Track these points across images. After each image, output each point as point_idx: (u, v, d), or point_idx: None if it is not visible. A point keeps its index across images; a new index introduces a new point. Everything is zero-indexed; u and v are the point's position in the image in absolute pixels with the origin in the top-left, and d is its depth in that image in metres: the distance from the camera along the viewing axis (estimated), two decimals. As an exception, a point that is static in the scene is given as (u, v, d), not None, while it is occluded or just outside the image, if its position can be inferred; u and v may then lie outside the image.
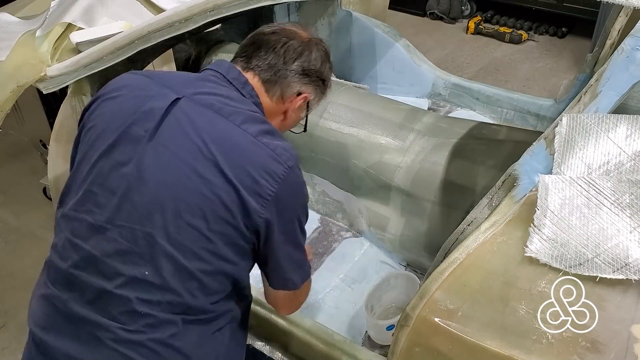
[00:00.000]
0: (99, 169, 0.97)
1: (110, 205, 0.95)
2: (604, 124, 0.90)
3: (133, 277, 0.93)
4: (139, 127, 0.96)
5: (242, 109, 1.00)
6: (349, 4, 2.56)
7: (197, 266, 0.94)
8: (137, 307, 0.93)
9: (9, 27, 1.60)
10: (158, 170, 0.94)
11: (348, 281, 1.80)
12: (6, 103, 1.47)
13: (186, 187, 0.93)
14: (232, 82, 1.04)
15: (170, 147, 0.94)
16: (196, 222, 0.93)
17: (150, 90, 1.00)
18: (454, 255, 0.96)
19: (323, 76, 1.13)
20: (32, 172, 2.71)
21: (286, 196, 0.96)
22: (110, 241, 0.94)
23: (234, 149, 0.94)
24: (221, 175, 0.92)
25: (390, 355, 1.06)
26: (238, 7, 1.27)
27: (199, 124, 0.95)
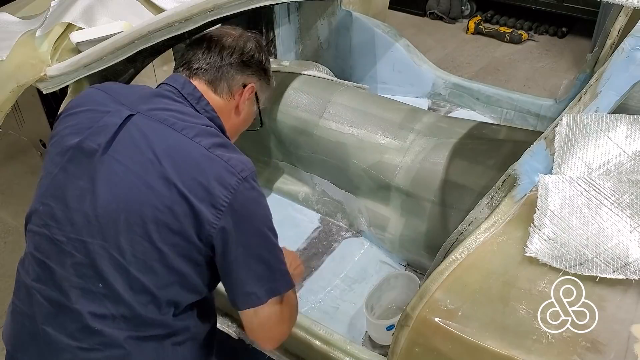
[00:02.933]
0: (57, 183, 0.99)
1: (65, 218, 0.96)
2: (604, 124, 0.90)
3: (87, 290, 0.94)
4: (92, 141, 0.97)
5: (195, 123, 1.00)
6: (349, 4, 2.56)
7: (149, 279, 0.94)
8: (91, 323, 0.94)
9: (9, 27, 1.60)
10: (110, 183, 0.94)
11: (348, 281, 1.80)
12: (6, 103, 1.47)
13: (138, 200, 0.93)
14: (187, 98, 1.06)
15: (123, 160, 0.95)
16: (148, 235, 0.92)
17: (107, 107, 1.02)
18: (454, 255, 0.96)
19: (263, 65, 1.17)
20: (32, 172, 2.71)
21: (241, 207, 0.94)
22: (67, 255, 0.95)
23: (186, 162, 0.94)
24: (173, 187, 0.92)
25: (390, 355, 1.06)
26: (238, 7, 1.27)
27: (151, 138, 0.96)
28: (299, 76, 2.06)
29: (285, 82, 2.03)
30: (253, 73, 1.15)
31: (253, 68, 1.14)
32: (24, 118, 2.25)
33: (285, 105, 1.98)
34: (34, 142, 2.36)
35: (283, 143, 2.05)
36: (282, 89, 2.01)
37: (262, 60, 1.16)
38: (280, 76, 2.06)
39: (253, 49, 1.14)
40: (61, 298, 0.95)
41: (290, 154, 2.06)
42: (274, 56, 2.58)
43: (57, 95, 1.56)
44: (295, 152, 2.02)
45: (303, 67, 2.12)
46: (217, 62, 1.10)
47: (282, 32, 2.55)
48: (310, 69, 2.12)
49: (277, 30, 2.53)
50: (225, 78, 1.10)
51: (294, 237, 1.97)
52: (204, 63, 1.10)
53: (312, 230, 2.00)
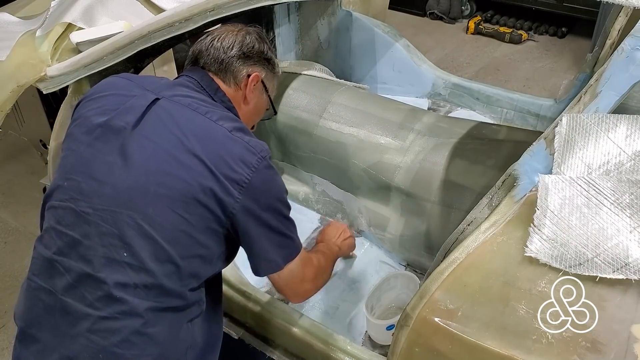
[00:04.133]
0: (83, 160, 1.03)
1: (92, 191, 1.00)
2: (604, 124, 0.90)
3: (112, 259, 0.97)
4: (120, 120, 1.03)
5: (217, 110, 1.09)
6: (349, 4, 2.56)
7: (174, 249, 0.98)
8: (113, 291, 0.96)
9: (9, 27, 1.60)
10: (140, 157, 1.00)
11: (348, 281, 1.80)
12: (6, 103, 1.47)
13: (167, 172, 0.99)
14: (205, 89, 1.15)
15: (152, 137, 1.01)
16: (176, 206, 0.98)
17: (132, 91, 1.08)
18: (454, 255, 0.96)
19: (265, 55, 1.24)
20: (32, 172, 2.70)
21: (261, 183, 1.03)
22: (92, 225, 0.99)
23: (212, 141, 1.02)
24: (201, 163, 0.99)
25: (390, 355, 1.06)
26: (238, 7, 1.27)
27: (178, 120, 1.03)
28: (299, 76, 2.06)
29: (285, 82, 2.03)
30: (256, 63, 1.21)
31: (255, 58, 1.21)
32: (24, 118, 2.25)
33: (285, 105, 1.98)
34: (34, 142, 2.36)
35: (283, 143, 2.05)
36: (282, 89, 2.01)
37: (263, 50, 1.23)
38: (280, 76, 2.06)
39: (253, 41, 1.20)
40: (84, 268, 0.97)
41: (290, 154, 2.06)
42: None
43: (57, 95, 1.56)
44: (295, 152, 2.02)
45: (303, 67, 2.12)
46: (221, 56, 1.17)
47: (282, 32, 2.55)
48: (310, 69, 2.12)
49: (277, 30, 2.53)
50: (229, 70, 1.17)
51: (294, 237, 1.97)
52: (209, 58, 1.17)
53: (312, 230, 2.00)
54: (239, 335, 1.57)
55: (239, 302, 1.54)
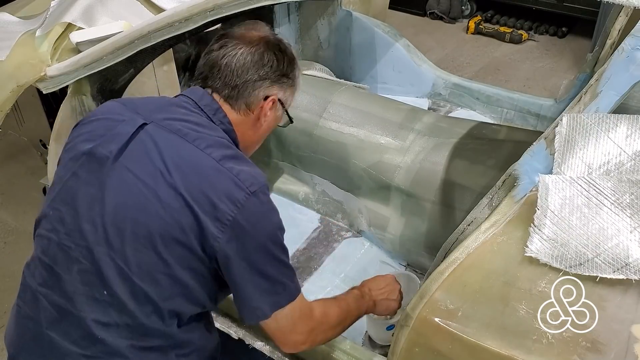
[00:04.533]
0: (67, 189, 1.00)
1: (74, 224, 0.96)
2: (604, 123, 0.90)
3: (92, 297, 0.95)
4: (104, 148, 0.98)
5: (208, 135, 1.00)
6: (349, 4, 2.56)
7: (153, 290, 0.94)
8: (95, 331, 0.95)
9: (9, 27, 1.60)
10: (119, 192, 0.95)
11: (348, 281, 1.80)
12: (6, 103, 1.47)
13: (145, 210, 0.93)
14: (203, 109, 1.05)
15: (133, 169, 0.96)
16: (153, 246, 0.93)
17: (122, 115, 1.02)
18: (454, 255, 0.96)
19: (284, 72, 1.10)
20: (32, 172, 2.70)
21: (247, 222, 0.94)
22: (74, 262, 0.96)
23: (196, 173, 0.94)
24: (181, 198, 0.92)
25: (390, 355, 1.06)
26: (238, 7, 1.27)
27: (163, 148, 0.96)
28: (299, 76, 2.06)
29: (285, 82, 2.03)
30: (273, 84, 1.09)
31: (272, 79, 1.08)
32: (24, 118, 2.25)
33: (285, 105, 1.98)
34: (34, 142, 2.36)
35: (283, 143, 2.05)
36: (282, 89, 2.01)
37: (282, 67, 1.10)
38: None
39: (272, 58, 1.08)
40: (66, 304, 0.96)
41: (290, 154, 2.06)
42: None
43: (57, 95, 1.56)
44: (295, 152, 2.02)
45: (303, 67, 2.12)
46: (234, 81, 1.05)
47: (282, 32, 2.55)
48: (310, 69, 2.12)
49: (277, 30, 2.53)
50: (242, 96, 1.07)
51: (294, 237, 1.97)
52: (220, 82, 1.06)
53: (312, 230, 2.00)
54: (239, 336, 1.57)
55: (239, 302, 1.54)
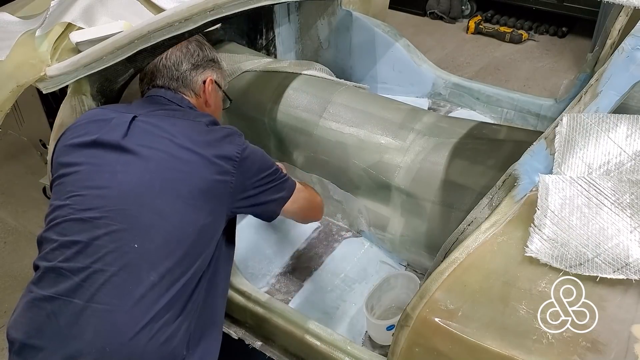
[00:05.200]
0: (82, 177, 1.09)
1: (99, 197, 1.05)
2: (604, 123, 0.90)
3: (123, 251, 1.01)
4: (108, 136, 1.11)
5: (189, 112, 1.25)
6: (349, 4, 2.56)
7: (184, 235, 1.06)
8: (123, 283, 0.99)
9: (9, 27, 1.60)
10: (139, 161, 1.08)
11: (348, 281, 1.80)
12: (6, 103, 1.47)
13: (167, 168, 1.08)
14: (172, 100, 1.28)
15: (144, 143, 1.10)
16: (181, 194, 1.07)
17: (109, 115, 1.17)
18: (454, 255, 0.96)
19: (209, 57, 1.36)
20: (32, 172, 2.71)
21: (250, 155, 1.18)
22: (102, 227, 1.04)
23: (197, 134, 1.14)
24: (195, 154, 1.10)
25: (390, 355, 1.06)
26: (238, 7, 1.27)
27: (162, 125, 1.14)
28: (299, 76, 2.06)
29: (285, 82, 2.03)
30: (205, 68, 1.34)
31: (203, 65, 1.34)
32: (24, 118, 2.25)
33: (285, 105, 1.98)
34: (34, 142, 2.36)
35: (283, 143, 2.05)
36: (282, 89, 2.01)
37: (207, 54, 1.36)
38: (280, 76, 2.07)
39: (196, 49, 1.34)
40: (94, 265, 1.00)
41: (290, 154, 2.06)
42: (274, 56, 2.58)
43: (57, 95, 1.56)
44: (295, 152, 2.02)
45: (303, 67, 2.12)
46: (175, 74, 1.30)
47: (282, 32, 2.55)
48: (310, 69, 2.12)
49: (277, 30, 2.53)
50: (185, 83, 1.31)
51: (294, 237, 1.97)
52: (166, 78, 1.30)
53: (312, 230, 2.00)
54: (238, 336, 1.57)
55: (238, 302, 1.54)
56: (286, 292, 1.77)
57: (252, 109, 2.05)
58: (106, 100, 1.51)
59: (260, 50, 2.53)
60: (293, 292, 1.77)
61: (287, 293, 1.76)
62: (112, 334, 0.97)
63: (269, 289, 1.78)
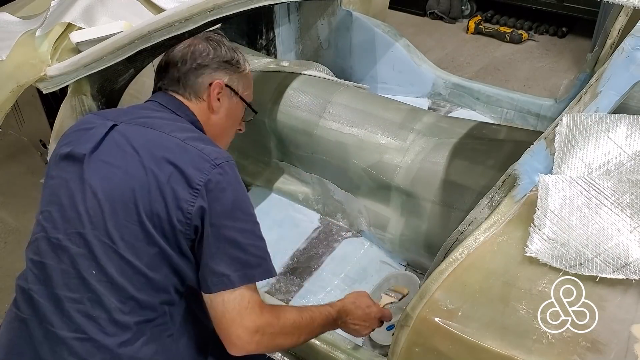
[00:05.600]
0: (52, 190, 1.08)
1: (61, 217, 1.03)
2: (604, 123, 0.90)
3: (84, 278, 0.99)
4: (79, 149, 1.07)
5: (173, 123, 1.11)
6: (349, 4, 2.56)
7: (140, 260, 0.99)
8: (89, 311, 0.99)
9: (9, 27, 1.60)
10: (96, 179, 1.03)
11: (348, 281, 1.80)
12: (6, 103, 1.47)
13: (119, 187, 1.01)
14: (167, 107, 1.16)
15: (107, 159, 1.05)
16: (132, 218, 0.99)
17: (93, 124, 1.12)
18: (454, 255, 0.96)
19: (224, 58, 1.20)
20: (32, 172, 2.71)
21: (215, 188, 0.99)
22: (64, 250, 1.01)
23: (162, 150, 1.02)
24: (151, 173, 1.00)
25: (390, 355, 1.06)
26: (238, 7, 1.27)
27: (131, 138, 1.06)
28: (299, 76, 2.06)
29: (285, 82, 2.03)
30: (215, 70, 1.19)
31: (213, 66, 1.18)
32: (24, 118, 2.25)
33: (285, 105, 1.98)
34: (34, 142, 2.36)
35: (283, 143, 2.05)
36: (282, 89, 2.01)
37: (220, 54, 1.20)
38: (280, 76, 2.07)
39: (206, 48, 1.19)
40: (60, 292, 1.00)
41: (290, 154, 2.06)
42: (274, 56, 2.58)
43: (57, 95, 1.56)
44: (295, 152, 2.02)
45: (303, 67, 2.12)
46: (176, 74, 1.17)
47: (282, 32, 2.55)
48: (310, 69, 2.12)
49: (277, 30, 2.53)
50: (186, 85, 1.17)
51: (294, 237, 1.97)
52: (167, 80, 1.19)
53: (312, 230, 2.00)
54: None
55: (239, 302, 1.54)
56: (286, 292, 1.77)
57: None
58: (106, 100, 1.51)
59: (261, 50, 2.53)
60: (293, 292, 1.76)
61: (287, 293, 1.76)
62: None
63: (269, 289, 1.78)
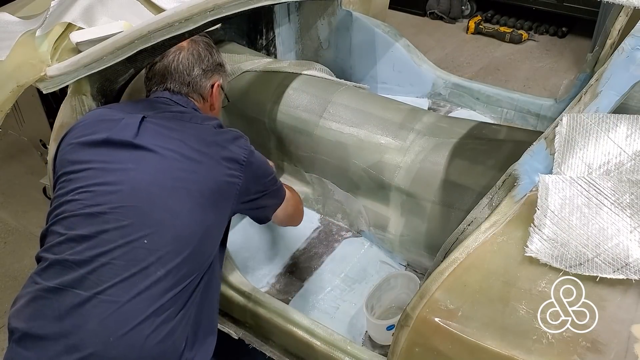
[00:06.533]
0: (92, 174, 1.09)
1: (109, 193, 1.06)
2: (604, 123, 0.90)
3: (132, 246, 1.02)
4: (119, 136, 1.12)
5: (196, 115, 1.27)
6: (349, 4, 2.56)
7: (193, 233, 1.08)
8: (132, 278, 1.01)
9: (9, 27, 1.60)
10: (151, 160, 1.10)
11: (348, 281, 1.80)
12: (6, 103, 1.47)
13: (179, 168, 1.10)
14: (178, 102, 1.30)
15: (156, 143, 1.12)
16: (192, 195, 1.09)
17: (116, 115, 1.18)
18: (454, 255, 0.96)
19: (217, 61, 1.39)
20: (32, 172, 2.71)
21: (254, 159, 1.22)
22: (111, 222, 1.04)
23: (206, 136, 1.18)
24: (205, 155, 1.13)
25: (390, 355, 1.07)
26: (238, 7, 1.27)
27: (171, 127, 1.16)
28: (299, 76, 2.06)
29: (285, 82, 2.03)
30: (214, 73, 1.37)
31: (212, 69, 1.36)
32: (24, 118, 2.25)
33: (285, 105, 1.98)
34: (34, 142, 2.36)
35: (283, 143, 2.05)
36: (282, 89, 2.01)
37: (215, 57, 1.38)
38: (280, 76, 2.07)
39: (206, 53, 1.35)
40: (100, 258, 1.01)
41: (290, 154, 2.06)
42: (274, 56, 2.58)
43: (57, 95, 1.56)
44: (295, 152, 2.02)
45: (303, 67, 2.12)
46: (187, 79, 1.32)
47: (282, 32, 2.55)
48: (310, 69, 2.12)
49: (277, 30, 2.53)
50: (196, 89, 1.34)
51: (294, 237, 1.97)
52: (177, 82, 1.32)
53: (312, 230, 2.00)
54: (239, 336, 1.57)
55: (239, 302, 1.54)
56: (286, 292, 1.77)
57: (252, 109, 2.05)
58: (106, 101, 1.51)
59: (261, 50, 2.53)
60: (293, 292, 1.77)
61: (287, 293, 1.76)
62: (116, 324, 0.98)
63: (269, 289, 1.78)
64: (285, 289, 1.78)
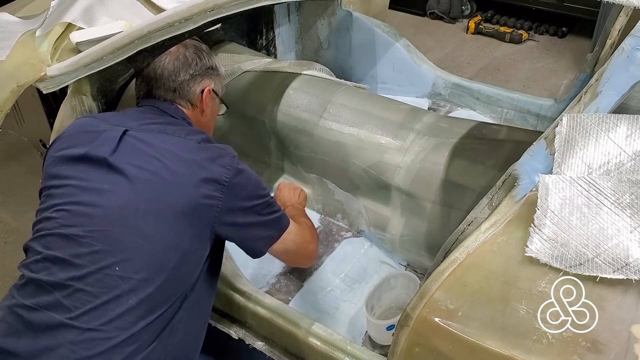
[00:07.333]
0: (69, 191, 1.08)
1: (83, 215, 1.04)
2: (604, 123, 0.90)
3: (105, 274, 1.00)
4: (97, 151, 1.09)
5: (182, 127, 1.21)
6: (349, 4, 2.56)
7: (167, 259, 1.04)
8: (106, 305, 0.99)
9: (9, 27, 1.60)
10: (125, 180, 1.06)
11: (348, 281, 1.80)
12: (6, 103, 1.47)
13: (152, 189, 1.06)
14: (166, 112, 1.25)
15: (133, 162, 1.08)
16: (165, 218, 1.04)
17: (100, 127, 1.15)
18: (454, 255, 0.96)
19: (208, 65, 1.32)
20: (32, 172, 2.70)
21: (240, 178, 1.12)
22: (84, 246, 1.02)
23: (187, 153, 1.10)
24: (180, 175, 1.07)
25: (390, 355, 1.06)
26: (238, 7, 1.27)
27: (151, 143, 1.11)
28: (299, 76, 2.06)
29: (285, 82, 2.03)
30: (203, 77, 1.31)
31: (201, 73, 1.30)
32: (24, 118, 2.24)
33: (285, 105, 1.98)
34: (34, 142, 2.36)
35: (283, 143, 2.05)
36: (282, 89, 2.01)
37: (205, 61, 1.31)
38: (280, 76, 2.07)
39: (194, 57, 1.29)
40: (75, 284, 1.00)
41: (290, 154, 2.06)
42: (274, 56, 2.58)
43: (57, 95, 1.56)
44: (295, 152, 2.02)
45: (303, 67, 2.12)
46: (172, 84, 1.27)
47: (282, 32, 2.55)
48: (310, 69, 2.12)
49: (277, 30, 2.53)
50: (183, 95, 1.28)
51: (294, 237, 1.97)
52: (162, 89, 1.27)
53: (312, 230, 2.00)
54: (239, 336, 1.57)
55: (239, 302, 1.54)
56: (286, 292, 1.77)
57: (252, 109, 2.05)
58: (106, 101, 1.51)
59: (261, 50, 2.53)
60: (293, 292, 1.77)
61: (287, 293, 1.76)
62: (85, 350, 0.97)
63: (269, 289, 1.78)
64: (285, 289, 1.78)
